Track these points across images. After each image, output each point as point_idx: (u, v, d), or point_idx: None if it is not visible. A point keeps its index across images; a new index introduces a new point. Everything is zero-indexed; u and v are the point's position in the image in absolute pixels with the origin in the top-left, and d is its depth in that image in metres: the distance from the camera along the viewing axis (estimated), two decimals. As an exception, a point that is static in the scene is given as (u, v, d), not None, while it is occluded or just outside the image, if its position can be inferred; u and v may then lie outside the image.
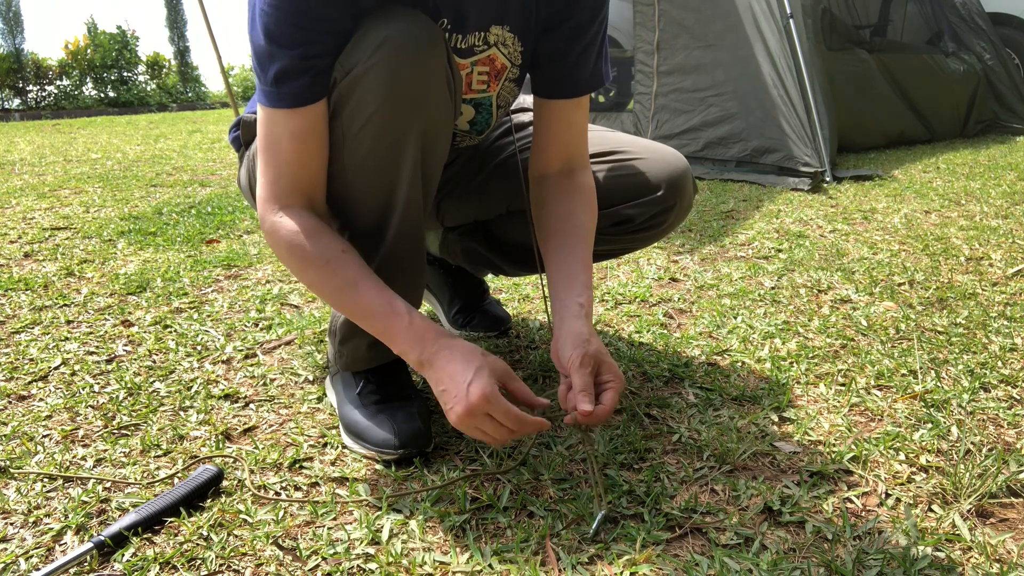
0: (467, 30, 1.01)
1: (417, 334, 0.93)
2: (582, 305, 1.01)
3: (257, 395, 1.31)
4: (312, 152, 0.96)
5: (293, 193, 0.97)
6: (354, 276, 0.94)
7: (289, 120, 0.93)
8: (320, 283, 0.96)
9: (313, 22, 0.88)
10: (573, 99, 1.10)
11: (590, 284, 1.05)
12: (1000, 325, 1.55)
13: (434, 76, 0.93)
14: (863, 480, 1.00)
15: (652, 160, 1.19)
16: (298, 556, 0.87)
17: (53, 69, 12.24)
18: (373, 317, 0.95)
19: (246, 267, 2.15)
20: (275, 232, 0.96)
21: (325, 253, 0.95)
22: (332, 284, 0.95)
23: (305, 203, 0.98)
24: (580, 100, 1.11)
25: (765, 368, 1.37)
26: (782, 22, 3.55)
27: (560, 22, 1.06)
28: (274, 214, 0.97)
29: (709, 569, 0.82)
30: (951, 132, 4.82)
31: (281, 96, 0.91)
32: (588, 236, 1.09)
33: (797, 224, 2.56)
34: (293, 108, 0.92)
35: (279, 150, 0.95)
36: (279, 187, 0.96)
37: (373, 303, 0.94)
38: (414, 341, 0.93)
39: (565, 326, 1.00)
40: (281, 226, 0.96)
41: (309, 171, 0.97)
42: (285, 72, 0.89)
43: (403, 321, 0.93)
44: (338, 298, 0.96)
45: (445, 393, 0.91)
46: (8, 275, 2.08)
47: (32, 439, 1.16)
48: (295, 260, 0.96)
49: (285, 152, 0.95)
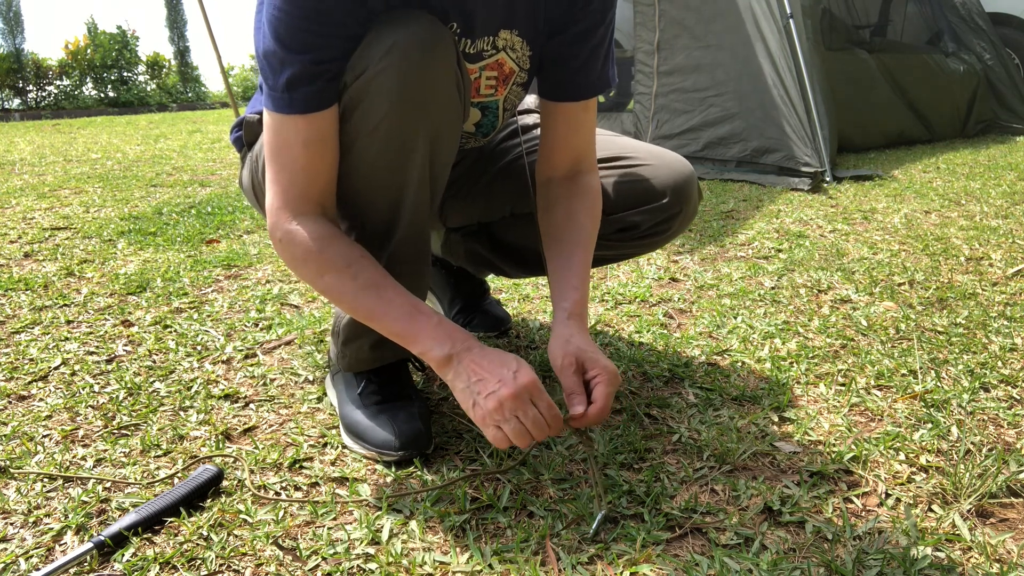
0: (476, 35, 1.01)
1: (446, 331, 0.93)
2: (566, 309, 1.02)
3: (257, 395, 1.31)
4: (324, 158, 0.95)
5: (306, 200, 0.96)
6: (376, 278, 0.94)
7: (301, 126, 0.92)
8: (339, 287, 0.95)
9: (325, 26, 0.87)
10: (580, 102, 1.10)
11: (580, 286, 1.05)
12: (1000, 325, 1.55)
13: (443, 79, 0.93)
14: (863, 480, 1.00)
15: (658, 167, 1.19)
16: (298, 556, 0.87)
17: (53, 69, 12.24)
18: (394, 318, 0.94)
19: (246, 267, 2.15)
20: (290, 240, 0.95)
21: (345, 257, 0.94)
22: (353, 286, 0.94)
23: (318, 210, 0.97)
24: (587, 103, 1.11)
25: (765, 368, 1.37)
26: (782, 22, 3.55)
27: (568, 25, 1.06)
28: (288, 222, 0.95)
29: (709, 569, 0.82)
30: (951, 132, 4.82)
31: (293, 102, 0.90)
32: (587, 240, 1.09)
33: (797, 224, 2.56)
34: (305, 114, 0.91)
35: (290, 157, 0.94)
36: (291, 195, 0.95)
37: (395, 304, 0.94)
38: (443, 337, 0.92)
39: (553, 332, 1.00)
40: (296, 234, 0.95)
41: (321, 177, 0.96)
42: (297, 77, 0.88)
43: (431, 319, 0.93)
44: (359, 300, 0.95)
45: (481, 382, 0.89)
46: (8, 275, 2.08)
47: (32, 439, 1.16)
48: (311, 266, 0.95)
49: (297, 159, 0.94)
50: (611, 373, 0.93)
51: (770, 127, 3.57)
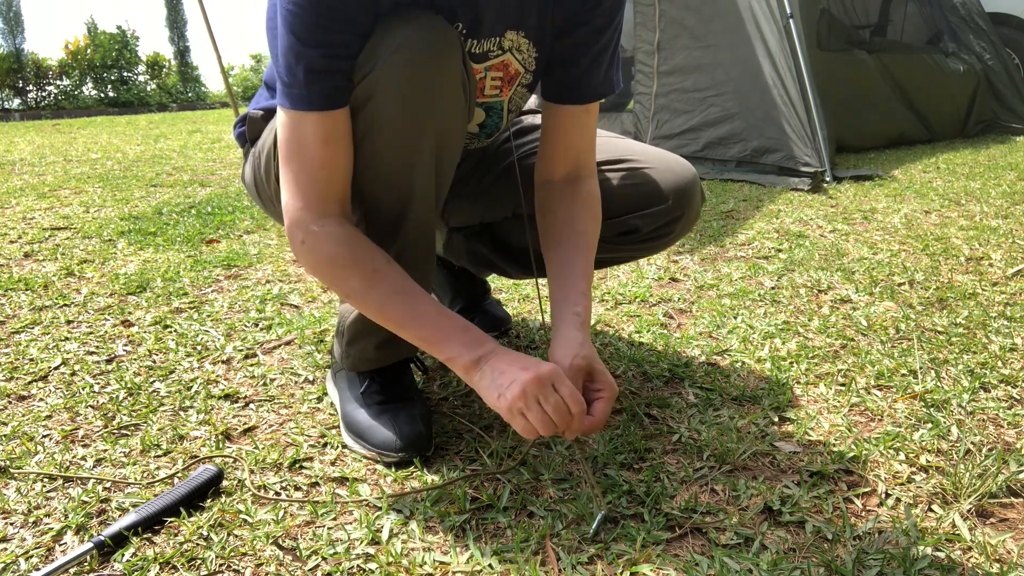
0: (482, 35, 1.01)
1: (475, 337, 0.93)
2: (578, 314, 1.01)
3: (257, 395, 1.31)
4: (343, 157, 0.94)
5: (327, 201, 0.95)
6: (402, 284, 0.94)
7: (319, 124, 0.91)
8: (365, 291, 0.94)
9: (340, 23, 0.87)
10: (583, 105, 1.10)
11: (587, 292, 1.05)
12: (1000, 325, 1.55)
13: (450, 79, 0.93)
14: (863, 480, 1.00)
15: (660, 170, 1.19)
16: (298, 556, 0.87)
17: (53, 69, 12.24)
18: (422, 324, 0.94)
19: (246, 267, 2.15)
20: (314, 243, 0.94)
21: (373, 262, 0.94)
22: (380, 291, 0.94)
23: (339, 211, 0.96)
24: (590, 106, 1.11)
25: (765, 368, 1.37)
26: (782, 22, 3.56)
27: (575, 27, 1.05)
28: (311, 224, 0.94)
29: (709, 569, 0.82)
30: (951, 132, 4.82)
31: (312, 98, 0.89)
32: (589, 244, 1.09)
33: (797, 224, 2.56)
34: (324, 111, 0.90)
35: (308, 156, 0.93)
36: (312, 196, 0.94)
37: (423, 310, 0.94)
38: (471, 343, 0.92)
39: (560, 334, 0.99)
40: (321, 237, 0.94)
41: (340, 177, 0.95)
42: (316, 74, 0.88)
43: (459, 325, 0.94)
44: (386, 305, 0.94)
45: (504, 375, 0.89)
46: (8, 275, 2.08)
47: (32, 439, 1.16)
48: (337, 269, 0.95)
49: (316, 158, 0.93)
50: (614, 392, 0.94)
51: (770, 127, 3.57)
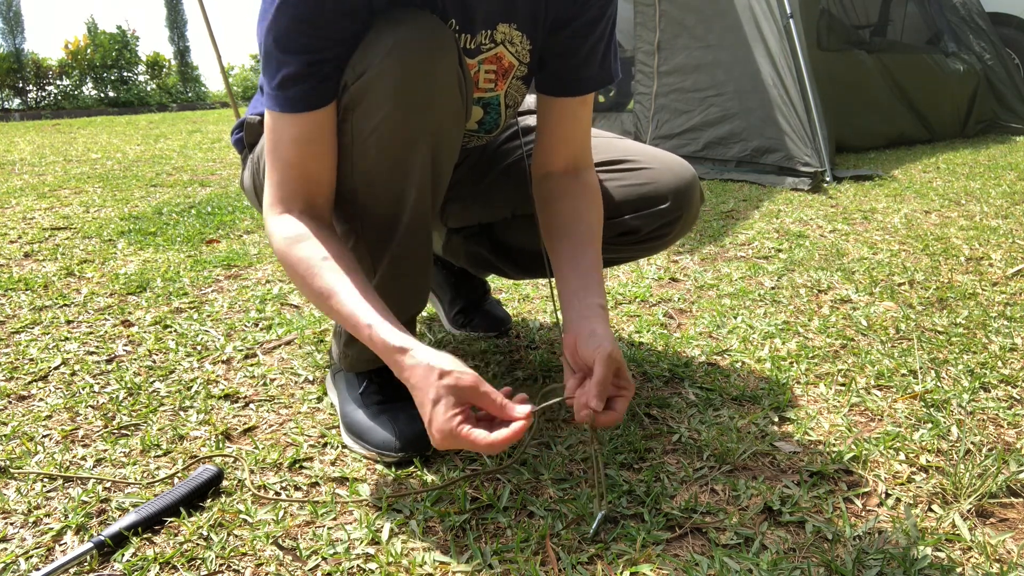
0: (475, 30, 1.01)
1: (379, 349, 0.89)
2: (602, 307, 0.99)
3: (257, 395, 1.31)
4: (316, 157, 0.95)
5: (294, 198, 0.97)
6: (328, 287, 0.91)
7: (293, 125, 0.93)
8: (301, 289, 0.96)
9: (319, 29, 0.88)
10: (579, 96, 1.10)
11: (603, 284, 1.04)
12: (1000, 325, 1.55)
13: (445, 80, 0.93)
14: (863, 480, 1.00)
15: (659, 170, 1.18)
16: (298, 556, 0.87)
17: (53, 69, 12.24)
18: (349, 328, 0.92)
19: (246, 267, 2.15)
20: (271, 237, 0.97)
21: (305, 260, 0.93)
22: (308, 292, 0.95)
23: (305, 207, 0.97)
24: (586, 97, 1.11)
25: (765, 368, 1.37)
26: (782, 22, 3.56)
27: (569, 20, 1.05)
28: (272, 218, 0.97)
29: (709, 569, 0.82)
30: (951, 132, 4.82)
31: (285, 101, 0.91)
32: (597, 236, 1.09)
33: (797, 224, 2.56)
34: (296, 113, 0.92)
35: (282, 155, 0.95)
36: (282, 192, 0.97)
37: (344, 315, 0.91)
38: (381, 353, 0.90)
39: (586, 324, 0.96)
40: (275, 231, 0.96)
41: (312, 176, 0.96)
42: (290, 77, 0.89)
43: (364, 334, 0.90)
44: (318, 306, 0.96)
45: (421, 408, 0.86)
46: (8, 275, 2.08)
47: (32, 439, 1.16)
48: (284, 265, 0.97)
49: (288, 157, 0.95)
50: (632, 390, 0.94)
51: (770, 127, 3.57)
